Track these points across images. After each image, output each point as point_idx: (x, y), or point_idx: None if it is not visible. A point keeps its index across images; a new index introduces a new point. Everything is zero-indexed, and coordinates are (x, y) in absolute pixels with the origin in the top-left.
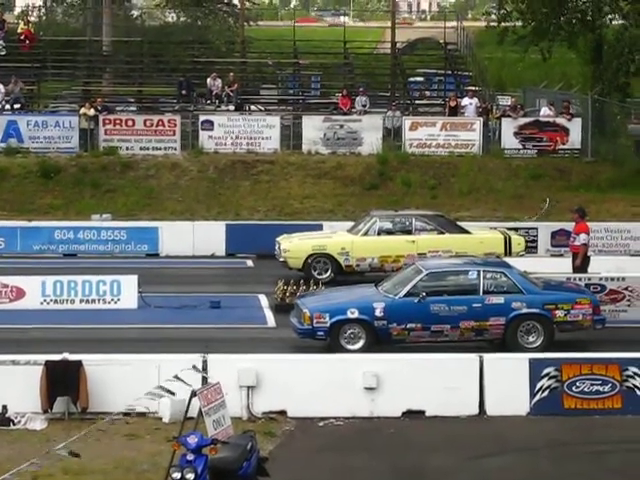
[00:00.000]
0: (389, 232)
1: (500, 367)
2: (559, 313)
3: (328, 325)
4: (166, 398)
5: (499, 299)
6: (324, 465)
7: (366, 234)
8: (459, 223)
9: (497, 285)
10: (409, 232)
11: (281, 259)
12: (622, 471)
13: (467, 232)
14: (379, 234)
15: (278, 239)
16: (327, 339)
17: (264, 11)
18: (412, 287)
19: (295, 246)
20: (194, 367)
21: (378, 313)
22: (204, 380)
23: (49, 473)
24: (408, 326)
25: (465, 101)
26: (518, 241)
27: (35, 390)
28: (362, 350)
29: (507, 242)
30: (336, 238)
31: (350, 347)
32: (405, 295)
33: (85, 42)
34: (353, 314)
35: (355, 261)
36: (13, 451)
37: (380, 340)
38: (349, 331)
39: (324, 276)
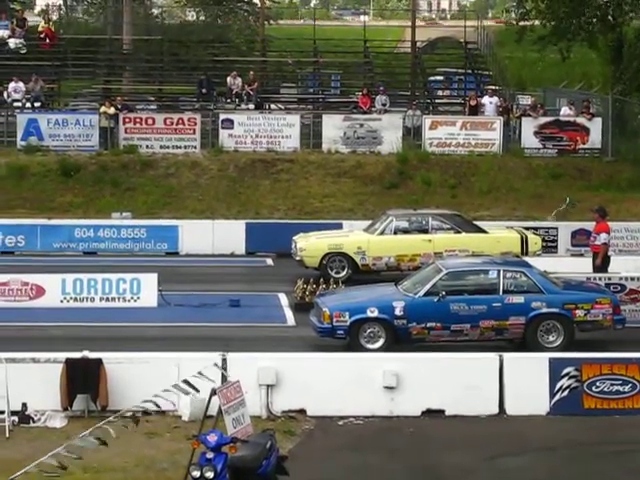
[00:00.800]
0: (405, 231)
1: (520, 367)
2: (579, 313)
3: (348, 324)
4: (186, 396)
5: (519, 298)
6: (343, 464)
7: (382, 233)
8: (476, 222)
9: (517, 285)
10: (425, 231)
11: (297, 258)
12: None
13: (484, 231)
14: (395, 233)
15: (295, 238)
16: (347, 338)
17: (284, 10)
18: (432, 286)
19: (311, 245)
20: (215, 365)
21: (398, 312)
22: (223, 379)
23: (69, 471)
24: (428, 325)
25: (485, 100)
26: (535, 240)
27: (55, 388)
28: (382, 349)
29: (524, 241)
30: (352, 237)
31: (370, 346)
32: (425, 294)
33: (105, 40)
34: (373, 313)
35: (371, 260)
36: (32, 449)
37: (400, 339)
38: (369, 330)
39: (340, 275)
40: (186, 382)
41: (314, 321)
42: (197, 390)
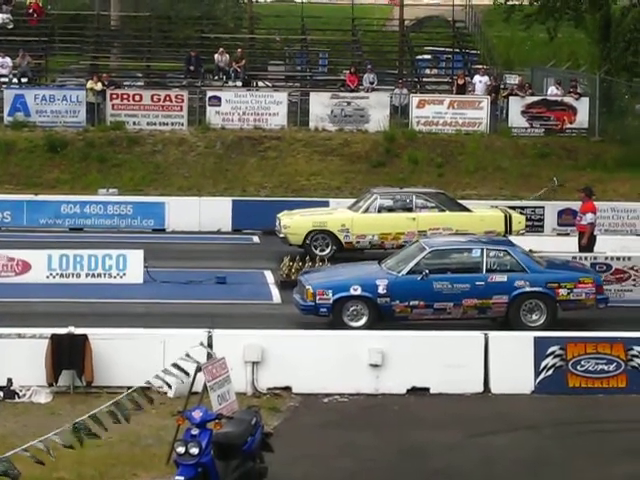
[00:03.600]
0: (389, 209)
1: (505, 345)
2: (562, 292)
3: (331, 302)
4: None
5: (502, 277)
6: (328, 441)
7: (366, 211)
8: (463, 202)
9: (500, 263)
10: (410, 209)
11: (281, 235)
12: (626, 450)
13: (468, 210)
14: (379, 211)
15: (279, 215)
16: (330, 316)
17: None
18: (415, 264)
19: (295, 222)
20: (201, 344)
21: (381, 290)
22: (209, 357)
23: (53, 447)
24: (411, 303)
25: (476, 79)
26: (518, 219)
27: (40, 363)
28: (365, 327)
29: (507, 220)
30: (336, 215)
31: (353, 324)
32: (408, 272)
33: (93, 16)
34: (356, 291)
35: (355, 238)
36: (17, 424)
37: (383, 317)
38: (352, 308)
39: (324, 253)
40: (175, 366)
41: (297, 299)
42: (187, 374)
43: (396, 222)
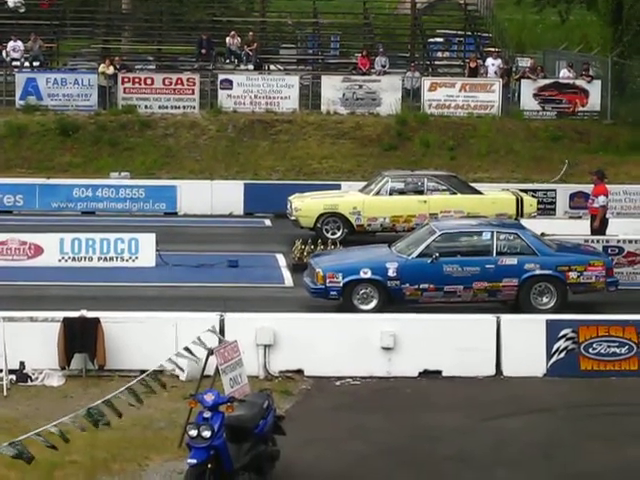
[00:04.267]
0: (401, 192)
1: (517, 328)
2: (572, 275)
3: (341, 285)
4: (184, 357)
5: (512, 260)
6: (340, 424)
7: (378, 194)
8: (475, 184)
9: (510, 246)
10: (421, 192)
11: (292, 218)
12: (638, 433)
13: (479, 193)
14: (391, 194)
15: (290, 198)
16: (340, 299)
17: None
18: (425, 247)
19: (307, 205)
20: (211, 330)
21: (391, 273)
22: (219, 342)
23: (66, 430)
24: (421, 286)
25: (488, 62)
26: (530, 202)
27: (53, 347)
28: (375, 310)
29: (519, 203)
30: (348, 197)
31: (363, 307)
32: (418, 255)
33: (104, 0)
34: (366, 274)
35: (366, 221)
36: (30, 407)
37: (393, 300)
38: (362, 291)
39: (335, 236)
40: (187, 349)
41: (307, 282)
42: (199, 358)
43: (407, 205)
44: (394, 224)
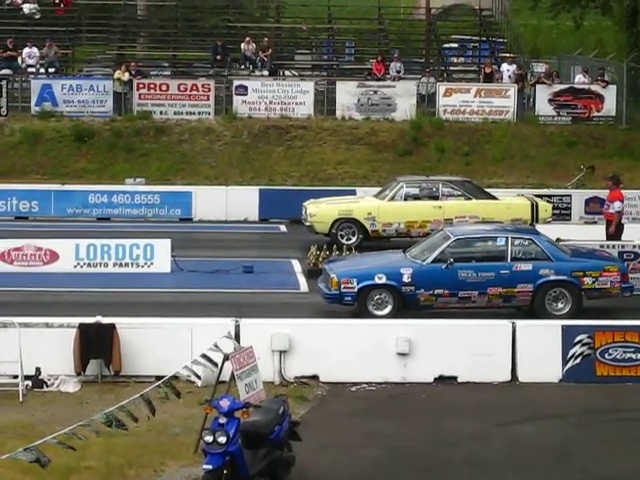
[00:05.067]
0: (416, 197)
1: (533, 334)
2: (587, 280)
3: (356, 290)
4: (200, 365)
5: (527, 266)
6: (356, 430)
7: (393, 199)
8: (490, 190)
9: (525, 252)
10: (436, 198)
11: (307, 223)
12: None
13: (494, 198)
14: (406, 199)
15: (305, 203)
16: (354, 304)
17: None
18: (440, 253)
19: (321, 211)
20: (226, 336)
21: (406, 279)
22: (235, 348)
23: (82, 434)
24: (436, 292)
25: (503, 67)
26: (545, 207)
27: (68, 353)
28: (389, 316)
29: (534, 208)
30: (363, 203)
31: (377, 312)
32: (433, 261)
33: (120, 6)
34: (381, 279)
35: (381, 226)
36: (46, 413)
37: (407, 306)
38: (376, 297)
39: (350, 242)
40: (204, 356)
41: (322, 287)
42: (215, 365)
43: (422, 210)
44: (409, 229)
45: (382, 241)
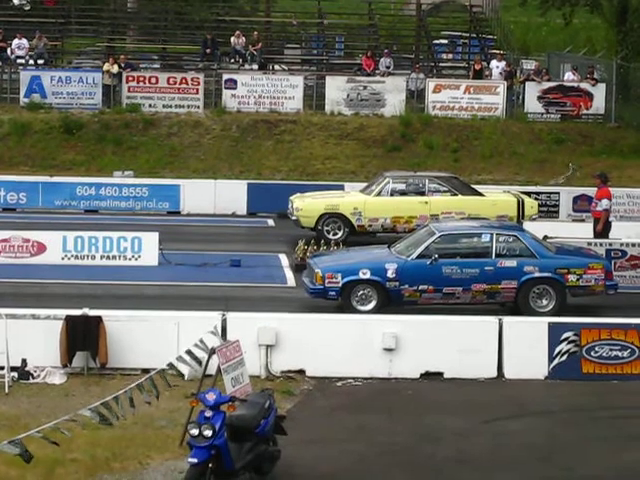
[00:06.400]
0: (402, 193)
1: (519, 330)
2: (571, 277)
3: (340, 285)
4: (185, 364)
5: (511, 262)
6: (342, 424)
7: (379, 194)
8: (477, 186)
9: (510, 248)
10: (422, 193)
11: (293, 218)
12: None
13: (480, 194)
14: (392, 195)
15: (291, 198)
16: (338, 299)
17: None
18: (424, 249)
19: (308, 205)
20: (212, 332)
21: (390, 274)
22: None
23: (67, 427)
24: (420, 288)
25: (493, 64)
26: (531, 204)
27: (55, 345)
28: (373, 311)
29: (520, 205)
30: (349, 198)
31: (361, 308)
32: (417, 257)
33: None
34: (365, 275)
35: (367, 221)
36: (32, 405)
37: (392, 301)
38: (361, 292)
39: (336, 236)
40: (189, 353)
41: (306, 282)
42: (200, 363)
43: (408, 206)
44: (395, 225)
45: (368, 236)
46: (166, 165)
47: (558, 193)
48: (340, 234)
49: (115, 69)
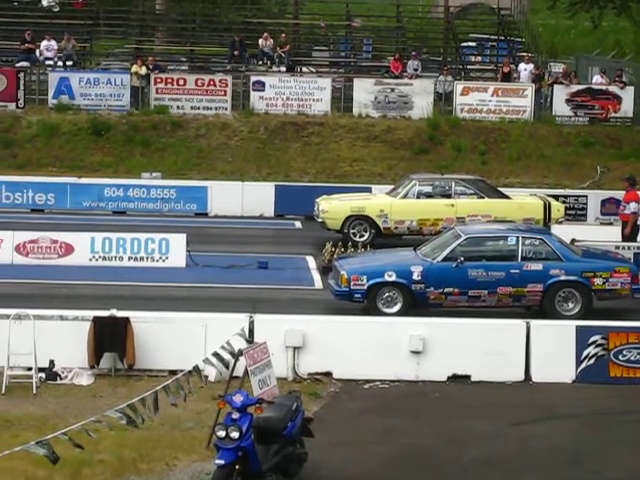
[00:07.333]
0: (428, 195)
1: (547, 334)
2: (597, 281)
3: (365, 287)
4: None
5: (537, 266)
6: (368, 427)
7: (405, 197)
8: (504, 189)
9: (536, 252)
10: (448, 196)
11: (319, 220)
12: None
13: (507, 197)
14: (418, 197)
15: (317, 200)
16: (364, 301)
17: None
18: (450, 252)
19: (334, 207)
20: (239, 334)
21: (416, 277)
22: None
23: (94, 428)
24: (445, 290)
25: (521, 67)
26: (557, 207)
27: (82, 346)
28: (399, 313)
29: (546, 208)
30: (375, 200)
31: (387, 310)
32: (443, 259)
33: (138, 0)
34: (391, 277)
35: (393, 224)
36: (59, 406)
37: (417, 304)
38: (386, 294)
39: (362, 239)
40: (216, 355)
41: (332, 284)
42: (226, 365)
43: (434, 208)
44: (421, 227)
45: (394, 238)
46: (194, 167)
47: (586, 196)
48: (366, 236)
49: (143, 71)
